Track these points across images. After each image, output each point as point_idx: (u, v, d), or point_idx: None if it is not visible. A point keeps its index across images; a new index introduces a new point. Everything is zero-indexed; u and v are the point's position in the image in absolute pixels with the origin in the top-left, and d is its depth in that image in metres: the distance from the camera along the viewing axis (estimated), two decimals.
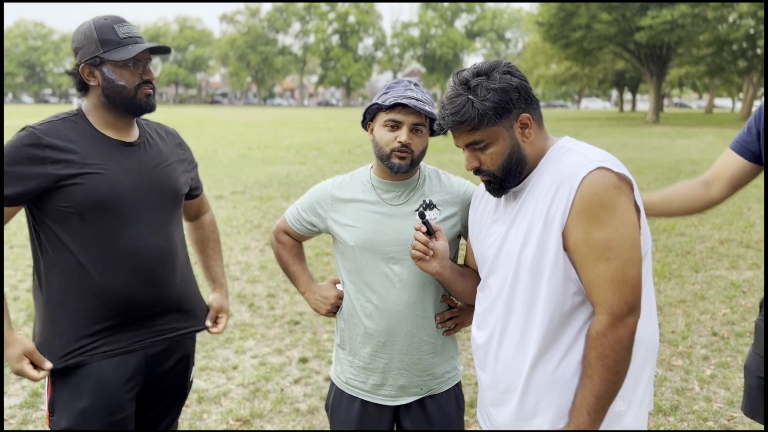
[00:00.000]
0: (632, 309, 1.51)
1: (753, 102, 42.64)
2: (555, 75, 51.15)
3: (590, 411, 1.52)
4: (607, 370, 1.50)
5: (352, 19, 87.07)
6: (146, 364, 2.03)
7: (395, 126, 1.91)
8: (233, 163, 15.76)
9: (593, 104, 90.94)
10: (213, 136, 25.21)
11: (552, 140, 1.69)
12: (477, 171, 1.66)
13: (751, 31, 35.57)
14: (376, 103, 1.95)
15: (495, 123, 1.58)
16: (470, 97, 1.57)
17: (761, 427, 3.40)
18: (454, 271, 1.89)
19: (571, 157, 1.59)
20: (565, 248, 1.55)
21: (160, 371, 2.08)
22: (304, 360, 4.35)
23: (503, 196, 1.73)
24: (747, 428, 3.45)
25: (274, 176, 13.42)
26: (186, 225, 2.39)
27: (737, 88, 54.70)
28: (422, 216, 1.83)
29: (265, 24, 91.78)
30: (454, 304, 2.06)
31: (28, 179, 1.83)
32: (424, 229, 1.83)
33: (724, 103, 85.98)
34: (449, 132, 1.66)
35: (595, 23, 36.80)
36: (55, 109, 55.01)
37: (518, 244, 1.61)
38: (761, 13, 33.35)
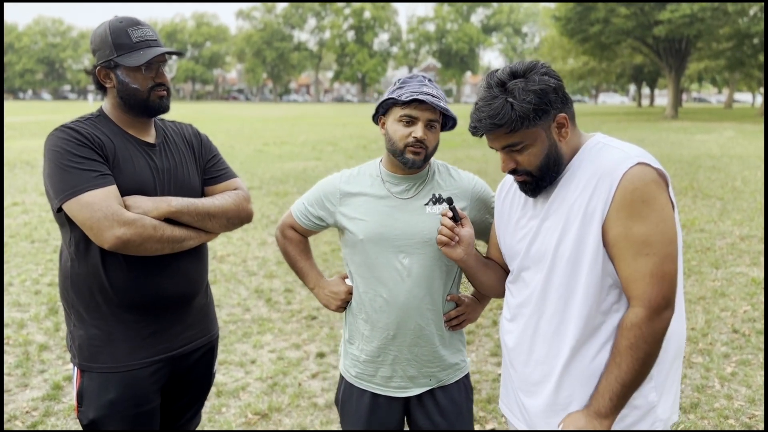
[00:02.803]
0: (668, 304, 1.53)
1: None
2: (572, 70, 50.71)
3: (613, 397, 1.54)
4: (636, 360, 1.52)
5: (367, 14, 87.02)
6: (172, 358, 2.06)
7: (410, 121, 1.91)
8: (249, 159, 15.84)
9: (611, 99, 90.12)
10: (229, 132, 25.34)
11: (585, 136, 1.69)
12: (513, 172, 1.66)
13: None
14: (392, 98, 1.93)
15: (534, 125, 1.57)
16: (509, 99, 1.56)
17: None
18: (478, 261, 1.89)
19: (610, 152, 1.60)
20: (604, 243, 1.56)
21: (185, 364, 2.11)
22: (321, 355, 4.37)
23: None
24: None
25: (291, 172, 13.47)
26: None
27: (758, 83, 53.88)
28: (450, 202, 1.82)
29: (281, 20, 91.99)
30: (460, 302, 2.07)
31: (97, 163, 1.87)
32: (450, 214, 1.82)
33: (744, 97, 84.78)
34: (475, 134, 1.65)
35: (613, 17, 36.43)
36: (73, 105, 55.54)
37: (554, 238, 1.62)
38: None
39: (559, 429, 1.63)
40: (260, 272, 6.33)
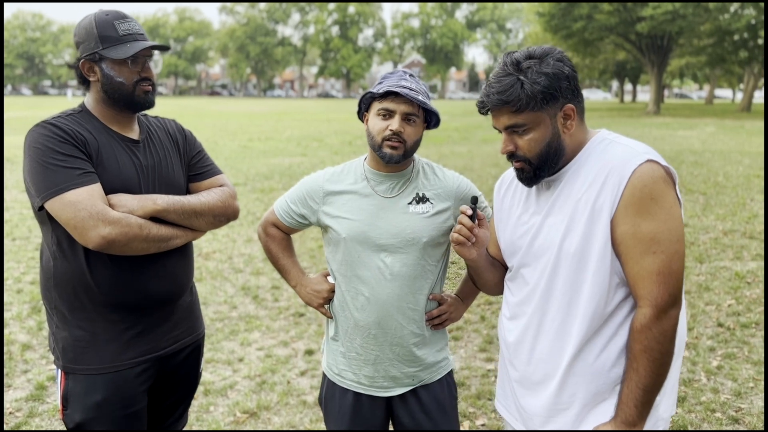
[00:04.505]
0: (675, 301, 1.52)
1: (753, 92, 42.56)
2: None
3: (638, 404, 1.53)
4: (653, 362, 1.51)
5: (351, 9, 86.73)
6: (159, 358, 2.02)
7: (387, 115, 1.91)
8: (234, 155, 15.72)
9: (594, 95, 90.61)
10: (213, 128, 25.15)
11: (591, 132, 1.67)
12: (511, 156, 1.64)
13: (753, 21, 35.42)
14: (370, 92, 1.94)
15: (540, 108, 1.56)
16: (521, 77, 1.55)
17: None
18: (486, 261, 1.87)
19: (618, 149, 1.58)
20: (612, 240, 1.54)
21: (172, 364, 2.08)
22: (309, 352, 4.34)
23: (535, 186, 1.71)
24: (755, 420, 3.44)
25: (276, 168, 13.39)
26: None
27: (738, 79, 54.51)
28: (474, 201, 1.77)
29: (265, 15, 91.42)
30: (442, 301, 2.06)
31: (81, 161, 1.82)
32: (470, 212, 1.76)
33: (724, 93, 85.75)
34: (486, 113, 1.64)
35: (596, 13, 36.68)
36: (53, 101, 54.80)
37: (558, 234, 1.60)
38: (763, 3, 33.20)
39: None
40: (247, 269, 6.28)
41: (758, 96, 58.85)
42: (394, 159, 1.92)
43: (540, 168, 1.62)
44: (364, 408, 2.05)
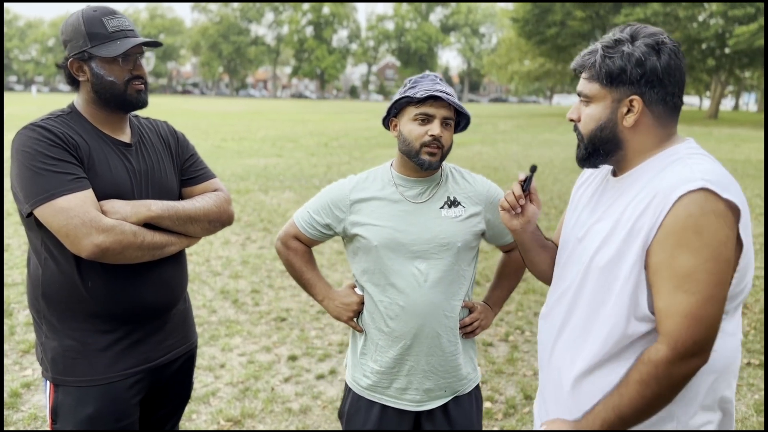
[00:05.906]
0: (700, 350, 1.35)
1: (721, 100, 43.54)
2: (529, 71, 51.49)
3: (605, 424, 1.43)
4: (641, 397, 1.38)
5: (326, 10, 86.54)
6: (152, 369, 1.95)
7: (426, 119, 1.86)
8: (208, 155, 15.49)
9: (565, 100, 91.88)
10: (185, 127, 24.77)
11: (674, 140, 1.54)
12: (575, 127, 1.59)
13: (720, 31, 36.30)
14: (406, 97, 1.88)
15: (605, 85, 1.49)
16: (602, 47, 1.50)
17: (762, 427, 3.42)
18: (535, 239, 1.76)
19: (678, 169, 1.42)
20: (646, 267, 1.41)
21: (165, 374, 2.01)
22: (293, 358, 4.26)
23: (603, 185, 1.63)
24: (747, 428, 3.47)
25: (251, 169, 13.24)
26: None
27: (705, 87, 55.70)
28: (533, 170, 1.66)
29: (238, 14, 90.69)
30: (473, 309, 2.03)
31: (71, 166, 1.73)
32: (522, 178, 1.67)
33: (691, 101, 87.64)
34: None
35: (569, 20, 37.25)
36: (19, 97, 53.48)
37: (595, 243, 1.51)
38: (731, 13, 34.06)
39: (542, 429, 1.57)
40: (225, 272, 6.17)
41: (725, 103, 60.15)
42: (433, 165, 1.88)
43: (588, 149, 1.55)
44: (391, 422, 2.00)
